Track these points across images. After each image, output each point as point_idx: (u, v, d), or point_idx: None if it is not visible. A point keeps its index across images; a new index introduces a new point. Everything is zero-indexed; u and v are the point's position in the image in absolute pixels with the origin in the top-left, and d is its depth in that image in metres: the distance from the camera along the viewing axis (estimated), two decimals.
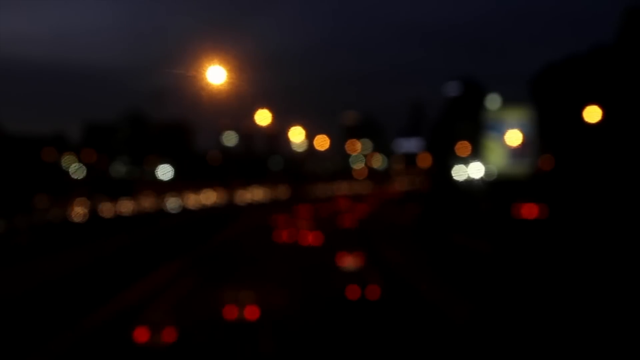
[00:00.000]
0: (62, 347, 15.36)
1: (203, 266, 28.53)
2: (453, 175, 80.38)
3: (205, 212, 61.25)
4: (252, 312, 16.63)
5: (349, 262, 24.12)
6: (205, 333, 15.05)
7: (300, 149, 77.86)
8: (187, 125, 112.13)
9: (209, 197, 77.75)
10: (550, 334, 13.45)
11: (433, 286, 22.41)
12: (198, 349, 14.58)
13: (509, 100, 79.31)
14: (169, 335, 14.87)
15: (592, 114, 36.11)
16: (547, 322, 14.48)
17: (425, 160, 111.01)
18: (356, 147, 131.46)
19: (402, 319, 15.13)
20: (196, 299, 20.55)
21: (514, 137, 68.00)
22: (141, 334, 14.78)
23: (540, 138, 68.36)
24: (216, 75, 15.73)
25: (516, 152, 73.27)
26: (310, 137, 60.05)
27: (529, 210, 44.08)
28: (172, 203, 65.14)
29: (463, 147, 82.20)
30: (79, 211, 49.12)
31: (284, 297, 19.17)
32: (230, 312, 16.56)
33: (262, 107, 27.11)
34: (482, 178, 73.08)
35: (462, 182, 76.72)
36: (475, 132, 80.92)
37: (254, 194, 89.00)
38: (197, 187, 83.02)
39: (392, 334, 13.86)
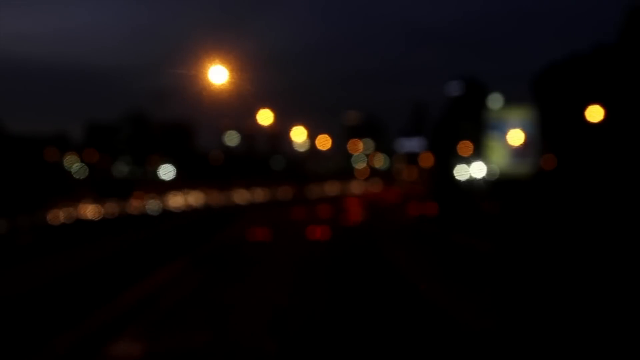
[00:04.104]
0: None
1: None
2: (455, 174, 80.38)
3: (191, 215, 59.87)
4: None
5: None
6: None
7: (302, 149, 77.75)
8: (189, 125, 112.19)
9: (198, 198, 76.54)
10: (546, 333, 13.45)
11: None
12: None
13: (511, 100, 79.42)
14: None
15: (595, 113, 36.10)
16: (543, 321, 14.46)
17: (427, 160, 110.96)
18: (358, 147, 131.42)
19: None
20: None
21: (516, 137, 67.94)
22: None
23: (543, 137, 68.35)
24: (218, 75, 15.70)
25: (518, 152, 73.28)
26: (312, 136, 59.95)
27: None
28: (152, 205, 62.96)
29: (465, 147, 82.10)
30: (58, 214, 48.32)
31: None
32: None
33: (264, 107, 27.13)
34: (484, 178, 73.08)
35: (464, 181, 76.74)
36: (477, 132, 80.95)
37: (256, 194, 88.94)
38: (196, 187, 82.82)
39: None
